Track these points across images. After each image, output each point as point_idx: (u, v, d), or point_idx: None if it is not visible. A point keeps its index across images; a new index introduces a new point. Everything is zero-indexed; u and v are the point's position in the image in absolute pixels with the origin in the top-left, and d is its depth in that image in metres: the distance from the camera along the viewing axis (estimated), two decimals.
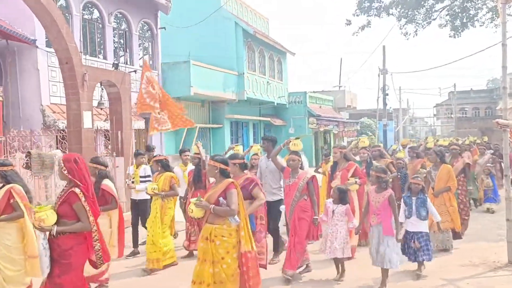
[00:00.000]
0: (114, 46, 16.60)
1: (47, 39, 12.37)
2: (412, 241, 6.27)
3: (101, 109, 13.70)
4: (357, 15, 21.08)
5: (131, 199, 8.21)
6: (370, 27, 21.26)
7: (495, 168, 12.68)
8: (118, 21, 16.85)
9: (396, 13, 21.16)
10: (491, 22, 20.32)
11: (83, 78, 9.81)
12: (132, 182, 7.92)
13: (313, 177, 6.30)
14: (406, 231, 6.30)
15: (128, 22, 17.04)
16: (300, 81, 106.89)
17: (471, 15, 20.67)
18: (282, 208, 6.73)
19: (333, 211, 6.20)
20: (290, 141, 6.46)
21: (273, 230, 7.13)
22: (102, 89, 12.42)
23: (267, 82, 25.51)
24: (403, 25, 21.53)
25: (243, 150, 9.53)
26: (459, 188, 8.49)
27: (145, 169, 8.06)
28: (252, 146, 8.74)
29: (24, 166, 8.70)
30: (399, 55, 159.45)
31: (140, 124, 15.88)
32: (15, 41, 12.98)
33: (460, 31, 21.02)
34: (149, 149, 9.68)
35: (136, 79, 16.48)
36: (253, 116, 25.21)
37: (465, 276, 6.37)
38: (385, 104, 31.76)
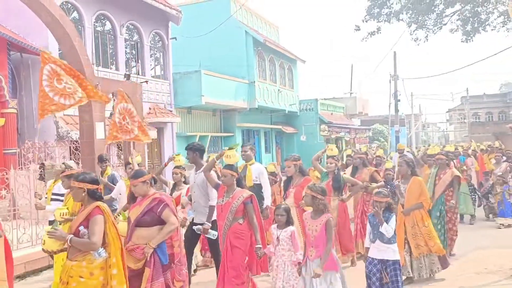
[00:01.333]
0: (126, 57, 16.78)
1: (60, 51, 12.53)
2: (380, 272, 5.10)
3: None
4: (367, 21, 21.03)
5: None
6: (380, 33, 21.20)
7: None
8: (129, 32, 17.04)
9: (406, 19, 21.09)
10: (503, 26, 20.15)
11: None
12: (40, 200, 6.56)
13: (251, 196, 5.16)
14: (370, 259, 5.19)
15: (140, 33, 17.23)
16: (311, 88, 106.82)
17: (482, 20, 20.53)
18: (213, 234, 5.53)
19: (277, 237, 5.08)
20: (224, 153, 5.45)
21: (216, 258, 5.82)
22: (114, 100, 12.54)
23: (278, 90, 25.55)
24: (414, 31, 21.46)
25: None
26: (447, 204, 7.51)
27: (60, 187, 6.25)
28: (174, 157, 7.21)
29: (38, 177, 8.79)
30: (410, 61, 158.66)
31: (152, 134, 15.96)
32: (29, 54, 13.19)
33: (471, 35, 20.87)
34: (101, 159, 8.23)
35: (148, 89, 16.64)
36: (265, 124, 25.25)
37: (482, 284, 6.27)
38: (397, 110, 31.57)
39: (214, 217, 5.56)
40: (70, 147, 12.20)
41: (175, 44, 19.26)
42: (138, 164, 7.13)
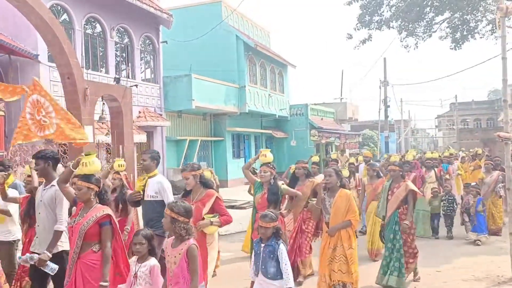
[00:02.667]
0: (116, 60, 16.70)
1: (49, 54, 12.45)
2: None
3: (103, 123, 13.74)
4: (358, 29, 21.16)
5: None
6: (371, 40, 21.32)
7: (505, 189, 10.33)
8: (120, 35, 16.97)
9: (396, 27, 21.25)
10: (491, 34, 20.37)
11: (85, 93, 9.86)
12: None
13: (107, 216, 4.06)
14: None
15: (130, 36, 17.17)
16: (302, 93, 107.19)
17: (471, 28, 20.73)
18: (51, 269, 4.37)
19: (135, 273, 3.93)
20: (80, 160, 4.33)
21: None
22: (104, 103, 12.47)
23: (269, 94, 25.58)
24: (404, 38, 21.61)
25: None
26: (401, 224, 6.36)
27: None
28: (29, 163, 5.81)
29: (25, 181, 8.68)
30: (400, 67, 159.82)
31: (141, 137, 15.91)
32: (18, 56, 13.08)
33: (460, 43, 21.07)
34: (2, 165, 6.49)
35: (138, 93, 16.57)
36: (255, 129, 25.25)
37: None
38: (386, 115, 31.79)
39: (63, 248, 4.55)
40: (58, 150, 12.08)
41: (166, 48, 19.21)
42: (119, 171, 6.49)
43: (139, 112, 16.79)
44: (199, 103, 19.03)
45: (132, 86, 13.89)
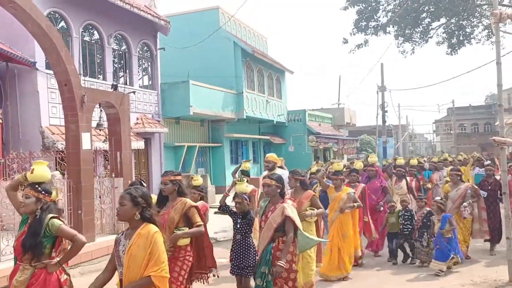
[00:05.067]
0: (114, 67, 16.73)
1: (47, 61, 12.46)
2: None
3: (100, 130, 13.72)
4: (354, 34, 21.28)
5: None
6: (367, 45, 21.45)
7: (479, 205, 8.41)
8: (117, 42, 17.01)
9: (393, 32, 21.38)
10: (487, 39, 20.50)
11: (82, 100, 9.86)
12: None
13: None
14: None
15: (128, 43, 17.21)
16: (299, 99, 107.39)
17: (467, 33, 20.87)
18: None
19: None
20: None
21: None
22: (101, 110, 12.47)
23: (266, 100, 25.64)
24: (400, 43, 21.73)
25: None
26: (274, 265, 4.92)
27: None
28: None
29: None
30: (397, 72, 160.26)
31: (139, 144, 15.90)
32: (15, 64, 13.09)
33: (457, 48, 21.20)
34: None
35: (135, 100, 16.59)
36: (253, 135, 25.27)
37: None
38: (384, 121, 31.87)
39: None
40: (56, 157, 12.07)
41: (163, 55, 19.26)
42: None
43: (137, 119, 16.80)
44: (197, 110, 19.06)
45: (129, 92, 13.90)
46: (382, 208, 8.78)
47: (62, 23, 14.43)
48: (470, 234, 8.33)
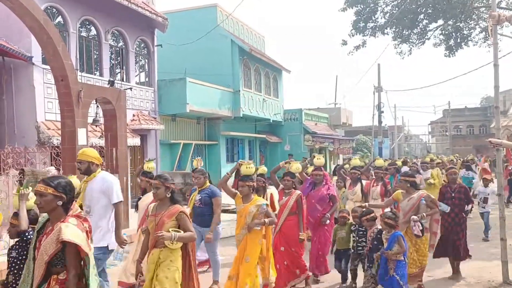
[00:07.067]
0: (111, 63, 16.68)
1: (43, 56, 12.40)
2: None
3: (96, 126, 13.69)
4: (353, 35, 21.27)
5: None
6: (365, 47, 21.44)
7: (432, 218, 6.70)
8: (115, 38, 16.96)
9: (390, 33, 21.39)
10: (484, 42, 20.55)
11: (78, 95, 9.83)
12: None
13: None
14: None
15: (125, 40, 17.16)
16: (296, 98, 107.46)
17: (464, 35, 20.90)
18: None
19: None
20: None
21: None
22: (98, 106, 12.44)
23: (263, 99, 25.63)
24: (398, 45, 21.75)
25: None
26: None
27: None
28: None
29: (17, 183, 8.65)
30: (394, 73, 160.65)
31: (135, 141, 15.87)
32: (11, 58, 13.03)
33: (454, 50, 21.22)
34: None
35: (132, 96, 16.55)
36: (249, 133, 25.27)
37: None
38: (380, 121, 31.95)
39: None
40: (51, 153, 12.03)
41: (161, 51, 19.22)
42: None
43: (133, 115, 16.76)
44: (194, 107, 19.04)
45: (126, 89, 13.86)
46: (328, 221, 7.10)
47: (59, 18, 14.37)
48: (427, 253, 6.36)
